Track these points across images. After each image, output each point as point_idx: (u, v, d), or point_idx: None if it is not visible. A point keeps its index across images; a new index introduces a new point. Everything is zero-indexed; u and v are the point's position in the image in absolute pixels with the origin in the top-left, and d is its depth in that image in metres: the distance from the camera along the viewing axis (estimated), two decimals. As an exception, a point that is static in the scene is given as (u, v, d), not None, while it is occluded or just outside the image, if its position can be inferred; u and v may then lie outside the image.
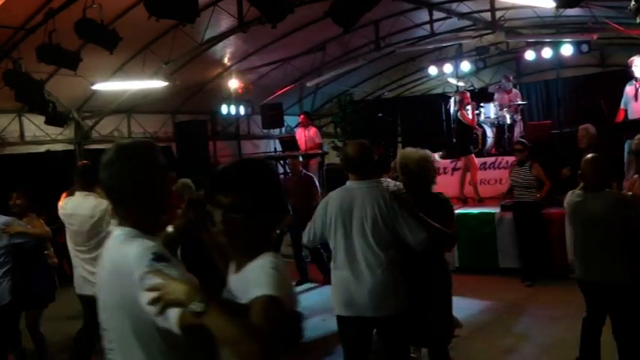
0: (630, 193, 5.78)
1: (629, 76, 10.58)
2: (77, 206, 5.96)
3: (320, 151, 14.99)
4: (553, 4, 7.81)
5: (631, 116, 10.48)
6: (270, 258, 2.44)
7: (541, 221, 9.62)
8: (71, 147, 13.36)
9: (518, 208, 9.63)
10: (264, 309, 2.21)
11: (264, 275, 2.34)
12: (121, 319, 2.39)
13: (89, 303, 5.74)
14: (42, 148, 12.76)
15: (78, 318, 6.57)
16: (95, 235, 5.81)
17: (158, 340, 2.35)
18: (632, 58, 10.85)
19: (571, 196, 5.56)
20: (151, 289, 2.13)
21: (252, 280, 2.36)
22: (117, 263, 2.41)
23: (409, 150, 5.34)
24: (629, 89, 10.58)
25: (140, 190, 2.48)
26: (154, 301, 2.11)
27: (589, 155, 5.47)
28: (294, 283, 9.46)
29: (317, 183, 10.59)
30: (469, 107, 12.45)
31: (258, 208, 2.47)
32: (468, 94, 13.07)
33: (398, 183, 5.76)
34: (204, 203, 2.63)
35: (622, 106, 10.65)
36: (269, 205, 2.52)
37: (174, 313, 2.14)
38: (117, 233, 2.52)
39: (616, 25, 11.93)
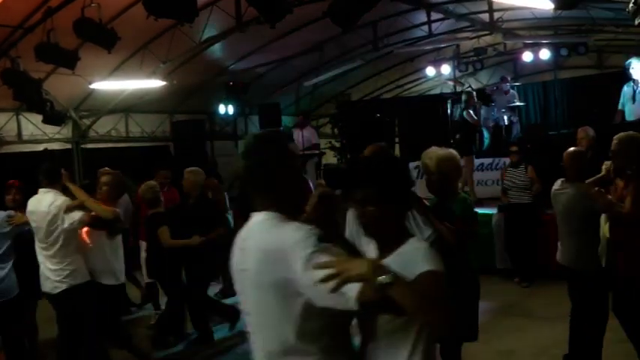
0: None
1: (626, 78, 10.61)
2: (37, 203, 6.01)
3: (317, 152, 14.98)
4: (551, 6, 7.81)
5: (629, 118, 10.52)
6: (420, 241, 2.72)
7: (538, 222, 9.64)
8: (69, 146, 13.37)
9: (513, 209, 9.65)
10: (435, 281, 2.41)
11: (425, 254, 2.53)
12: (270, 299, 2.46)
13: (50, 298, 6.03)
14: (39, 147, 12.77)
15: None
16: (52, 232, 5.85)
17: (302, 319, 2.42)
18: (629, 60, 10.89)
19: (554, 186, 5.86)
20: (323, 267, 2.19)
21: (413, 260, 2.49)
22: (268, 246, 2.47)
23: (432, 150, 5.21)
24: (627, 91, 10.61)
25: (281, 176, 2.60)
26: (326, 279, 2.15)
27: (571, 149, 5.79)
28: None
29: (311, 186, 10.58)
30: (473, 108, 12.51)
31: (393, 199, 2.63)
32: (475, 94, 13.12)
33: None
34: (334, 198, 2.89)
35: (620, 107, 10.68)
36: (403, 195, 2.71)
37: (354, 289, 2.19)
38: (261, 218, 2.59)
39: (613, 27, 11.96)
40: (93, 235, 6.13)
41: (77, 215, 5.86)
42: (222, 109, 15.55)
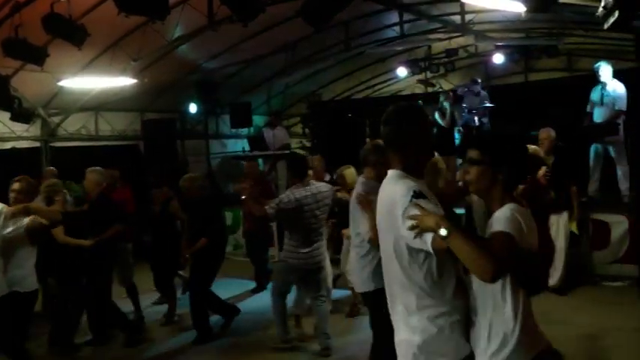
0: None
1: (595, 81, 10.77)
2: None
3: (288, 152, 14.98)
4: (523, 9, 7.88)
5: (597, 119, 10.67)
6: (513, 206, 3.14)
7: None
8: (37, 144, 13.20)
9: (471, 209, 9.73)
10: (497, 239, 2.96)
11: (503, 217, 3.06)
12: (389, 239, 3.28)
13: None
14: (7, 145, 12.58)
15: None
16: None
17: (408, 257, 3.20)
18: (598, 64, 11.06)
19: None
20: (411, 218, 3.00)
21: (495, 220, 3.09)
22: (389, 197, 3.29)
23: None
24: (595, 94, 10.77)
25: (414, 139, 3.37)
26: (412, 228, 2.98)
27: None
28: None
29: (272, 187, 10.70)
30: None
31: (504, 164, 3.23)
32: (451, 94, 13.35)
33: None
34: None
35: (588, 110, 10.84)
36: (513, 163, 3.27)
37: (429, 237, 2.96)
38: (390, 175, 3.42)
39: (583, 31, 12.11)
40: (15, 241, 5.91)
41: (24, 220, 5.77)
42: (193, 108, 15.49)
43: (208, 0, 10.23)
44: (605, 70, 10.68)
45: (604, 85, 10.60)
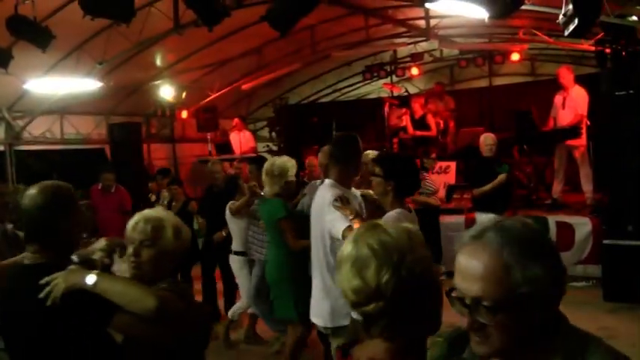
0: None
1: (558, 86, 10.98)
2: None
3: (254, 155, 14.97)
4: (486, 15, 7.98)
5: (560, 124, 10.88)
6: (399, 210, 4.40)
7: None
8: (2, 148, 13.01)
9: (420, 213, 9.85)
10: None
11: (390, 218, 4.21)
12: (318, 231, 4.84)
13: None
14: (-29, 150, 12.44)
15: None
16: None
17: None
18: (559, 69, 11.29)
19: None
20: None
21: (384, 220, 3.74)
22: (320, 200, 4.78)
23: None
24: (557, 98, 10.98)
25: (353, 161, 4.92)
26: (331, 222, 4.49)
27: None
28: None
29: None
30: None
31: (393, 178, 4.41)
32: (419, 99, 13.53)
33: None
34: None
35: (552, 115, 11.05)
36: (400, 177, 4.45)
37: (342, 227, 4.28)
38: (326, 183, 4.89)
39: (546, 37, 12.27)
40: None
41: None
42: (159, 111, 15.40)
43: (174, 3, 10.21)
44: (566, 75, 10.92)
45: (566, 89, 10.83)
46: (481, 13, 8.21)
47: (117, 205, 10.31)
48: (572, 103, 10.80)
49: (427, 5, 10.72)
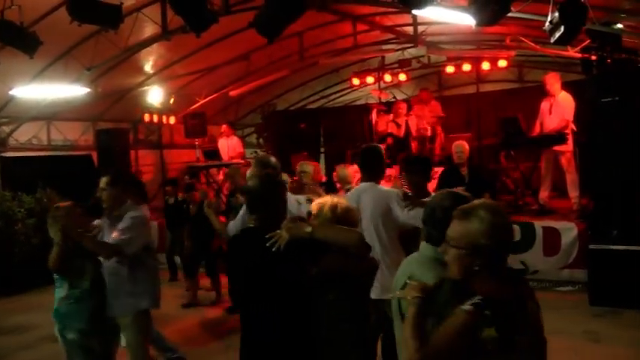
0: None
1: (544, 92, 11.08)
2: None
3: (242, 161, 14.98)
4: (473, 22, 8.04)
5: (547, 129, 10.97)
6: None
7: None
8: (-13, 154, 12.98)
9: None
10: None
11: None
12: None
13: None
14: (-43, 156, 12.38)
15: None
16: None
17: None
18: (546, 76, 11.39)
19: None
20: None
21: None
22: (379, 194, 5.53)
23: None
24: (544, 104, 11.07)
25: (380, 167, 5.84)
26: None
27: None
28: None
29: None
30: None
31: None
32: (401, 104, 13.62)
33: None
34: None
35: (538, 120, 11.14)
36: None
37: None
38: (368, 184, 5.67)
39: (532, 44, 12.35)
40: None
41: None
42: (147, 117, 15.39)
43: (162, 9, 10.24)
44: (553, 82, 11.02)
45: (552, 95, 10.93)
46: (468, 21, 8.28)
47: None
48: (559, 109, 10.89)
49: (415, 12, 10.77)
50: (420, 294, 2.80)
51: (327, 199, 4.28)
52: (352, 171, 8.31)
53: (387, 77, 16.33)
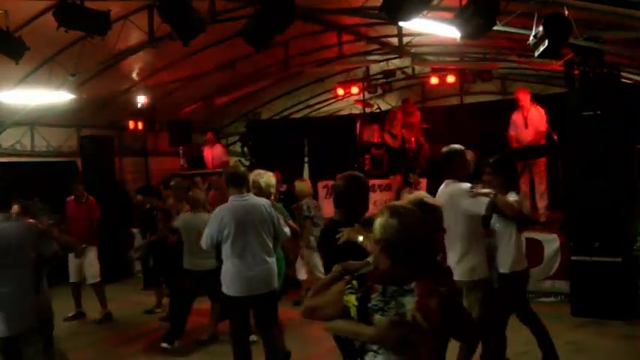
0: None
1: (515, 105, 11.33)
2: None
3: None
4: (458, 35, 8.13)
5: (523, 142, 11.15)
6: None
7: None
8: (-30, 160, 12.88)
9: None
10: None
11: None
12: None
13: None
14: (-61, 161, 12.28)
15: None
16: None
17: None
18: (517, 90, 11.65)
19: None
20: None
21: None
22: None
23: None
24: (517, 117, 11.26)
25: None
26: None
27: None
28: None
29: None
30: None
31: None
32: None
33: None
34: None
35: (511, 132, 11.31)
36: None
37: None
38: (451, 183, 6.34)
39: (517, 57, 12.52)
40: None
41: None
42: (131, 124, 15.36)
43: (149, 17, 10.24)
44: (524, 96, 11.24)
45: (525, 109, 11.14)
46: (454, 33, 8.37)
47: (87, 213, 10.53)
48: (533, 122, 11.12)
49: (401, 24, 10.85)
50: (341, 268, 3.50)
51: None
52: (309, 185, 10.40)
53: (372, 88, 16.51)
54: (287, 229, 6.74)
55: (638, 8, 6.87)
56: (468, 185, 6.20)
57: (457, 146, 6.58)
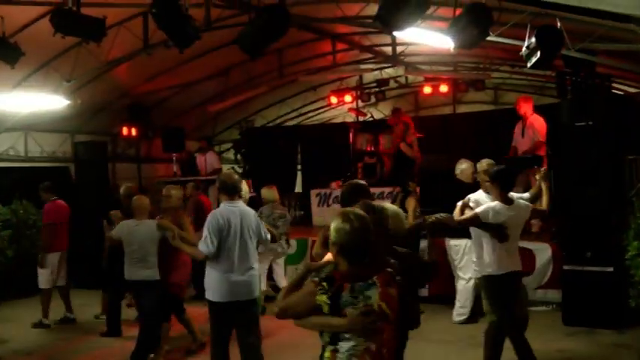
0: None
1: (518, 116, 11.31)
2: None
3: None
4: (452, 45, 8.19)
5: (519, 151, 11.18)
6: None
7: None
8: (-36, 164, 12.85)
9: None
10: None
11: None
12: None
13: None
14: None
15: None
16: None
17: None
18: (518, 99, 11.65)
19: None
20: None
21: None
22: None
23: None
24: (517, 127, 11.31)
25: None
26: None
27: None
28: None
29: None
30: None
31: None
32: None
33: None
34: None
35: (513, 143, 11.35)
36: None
37: None
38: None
39: (509, 68, 12.61)
40: None
41: None
42: (125, 130, 15.36)
43: (144, 23, 10.27)
44: (524, 105, 11.27)
45: (524, 118, 11.17)
46: (447, 43, 8.43)
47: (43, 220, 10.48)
48: (530, 132, 11.14)
49: (395, 34, 10.91)
50: (306, 267, 3.84)
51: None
52: (274, 192, 10.79)
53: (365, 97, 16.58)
54: (268, 235, 6.84)
55: (628, 21, 6.93)
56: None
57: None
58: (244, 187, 7.44)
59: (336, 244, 3.55)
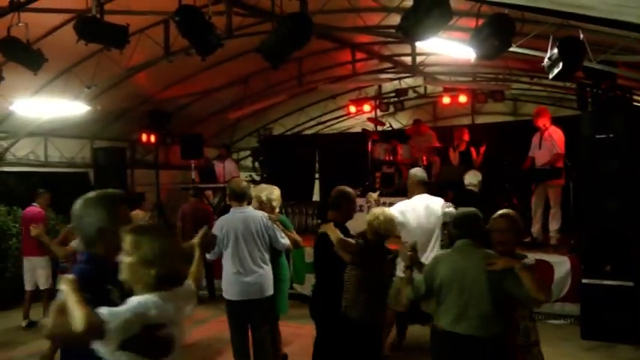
0: None
1: (535, 127, 11.26)
2: None
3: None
4: (473, 56, 8.16)
5: (537, 163, 11.10)
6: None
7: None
8: (-16, 169, 12.94)
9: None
10: None
11: None
12: None
13: None
14: (-47, 169, 12.35)
15: None
16: None
17: None
18: (535, 110, 11.57)
19: None
20: None
21: None
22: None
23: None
24: (535, 138, 11.23)
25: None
26: None
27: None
28: None
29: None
30: None
31: None
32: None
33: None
34: None
35: (530, 154, 11.27)
36: None
37: None
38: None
39: (529, 79, 12.56)
40: None
41: None
42: (144, 137, 15.42)
43: (165, 31, 10.33)
44: (542, 116, 11.20)
45: (542, 130, 11.09)
46: (469, 54, 8.40)
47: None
48: (548, 144, 11.04)
49: (417, 43, 10.90)
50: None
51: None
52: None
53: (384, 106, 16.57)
54: (285, 240, 7.03)
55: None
56: None
57: None
58: (274, 194, 7.56)
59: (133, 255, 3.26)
